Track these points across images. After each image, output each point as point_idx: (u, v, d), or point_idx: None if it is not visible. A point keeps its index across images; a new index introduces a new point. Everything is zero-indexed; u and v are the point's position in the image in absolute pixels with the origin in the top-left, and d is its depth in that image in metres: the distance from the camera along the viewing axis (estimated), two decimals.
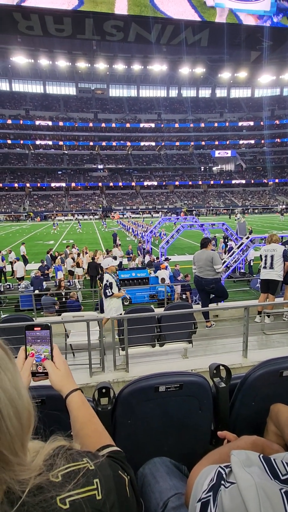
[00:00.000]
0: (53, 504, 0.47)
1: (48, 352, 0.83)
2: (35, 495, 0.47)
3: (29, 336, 0.83)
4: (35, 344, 0.83)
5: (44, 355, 0.83)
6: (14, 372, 0.52)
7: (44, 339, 0.83)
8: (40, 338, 0.83)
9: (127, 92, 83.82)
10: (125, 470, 0.64)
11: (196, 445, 1.44)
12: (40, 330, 0.83)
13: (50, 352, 0.83)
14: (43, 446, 0.56)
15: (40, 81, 77.29)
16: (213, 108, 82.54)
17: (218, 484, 0.56)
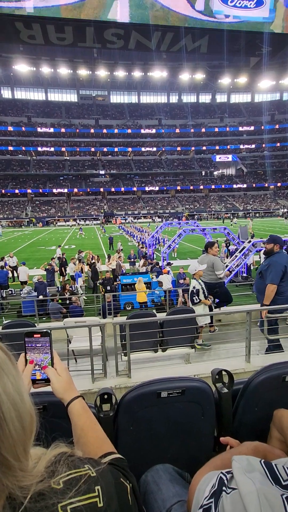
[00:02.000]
0: (55, 511, 0.47)
1: (48, 359, 0.83)
2: (37, 501, 0.46)
3: (28, 343, 0.83)
4: (35, 351, 0.83)
5: (45, 362, 0.83)
6: (16, 376, 0.52)
7: (44, 346, 0.83)
8: (40, 344, 0.83)
9: (128, 98, 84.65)
10: (127, 478, 0.63)
11: (199, 452, 1.43)
12: (39, 337, 0.83)
13: (50, 359, 0.83)
14: (45, 453, 0.56)
15: (42, 88, 78.27)
16: (214, 113, 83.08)
17: (220, 490, 0.56)
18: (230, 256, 15.18)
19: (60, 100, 79.59)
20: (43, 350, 0.83)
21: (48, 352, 0.83)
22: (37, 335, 0.82)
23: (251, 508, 0.49)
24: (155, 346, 3.92)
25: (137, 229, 30.19)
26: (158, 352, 4.00)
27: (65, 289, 10.51)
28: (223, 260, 15.62)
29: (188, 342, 3.98)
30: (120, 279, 12.34)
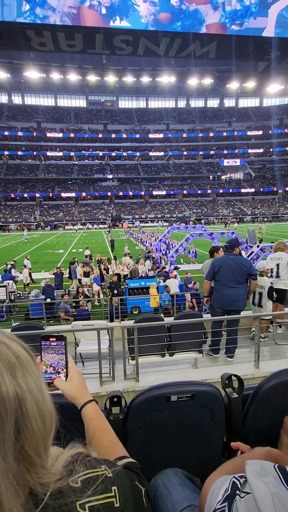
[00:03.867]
0: (73, 509, 0.48)
1: (63, 362, 0.84)
2: (57, 498, 0.48)
3: (44, 346, 0.85)
4: (50, 354, 0.85)
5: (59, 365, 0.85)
6: (38, 375, 0.53)
7: (59, 350, 0.85)
8: (55, 348, 0.85)
9: (136, 103, 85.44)
10: (140, 482, 0.64)
11: (208, 457, 1.42)
12: (55, 341, 0.84)
13: (65, 362, 0.84)
14: (62, 452, 0.57)
15: (52, 94, 79.62)
16: (222, 117, 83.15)
17: (233, 494, 0.56)
18: None
19: (69, 106, 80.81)
20: (58, 352, 0.85)
21: (63, 355, 0.84)
22: (52, 338, 0.84)
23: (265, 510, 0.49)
24: (162, 351, 3.91)
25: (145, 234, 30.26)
26: (165, 356, 3.99)
27: (79, 293, 10.59)
28: None
29: (195, 347, 3.95)
30: (127, 283, 12.36)
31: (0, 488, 0.42)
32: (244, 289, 4.34)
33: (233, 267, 4.26)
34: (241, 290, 4.32)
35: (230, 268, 4.25)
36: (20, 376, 0.49)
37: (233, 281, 4.26)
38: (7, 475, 0.44)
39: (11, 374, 0.47)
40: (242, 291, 4.33)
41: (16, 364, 0.49)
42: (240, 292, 4.31)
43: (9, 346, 0.51)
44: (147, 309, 11.20)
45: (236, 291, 4.28)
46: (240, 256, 4.48)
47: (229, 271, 4.25)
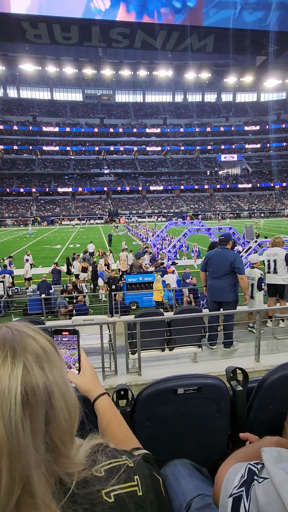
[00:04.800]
0: (100, 497, 0.50)
1: (76, 356, 0.85)
2: (83, 487, 0.50)
3: (57, 340, 0.85)
4: (63, 348, 0.85)
5: (71, 359, 0.85)
6: (63, 368, 0.54)
7: (72, 343, 0.85)
8: (67, 343, 0.85)
9: (133, 97, 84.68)
10: (157, 472, 0.66)
11: (213, 449, 1.44)
12: (68, 335, 0.85)
13: (77, 357, 0.85)
14: (82, 443, 0.58)
15: (47, 87, 78.63)
16: (219, 112, 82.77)
17: (251, 480, 0.57)
18: None
19: (65, 99, 79.90)
20: (70, 346, 0.85)
21: (76, 349, 0.85)
22: (65, 332, 0.85)
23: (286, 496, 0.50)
24: (163, 345, 3.95)
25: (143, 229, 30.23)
26: (165, 351, 4.02)
27: (73, 289, 10.58)
28: None
29: (195, 341, 3.99)
30: (125, 278, 12.38)
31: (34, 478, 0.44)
32: (228, 281, 4.48)
33: (219, 259, 4.49)
34: (225, 282, 4.46)
35: (217, 261, 4.51)
36: (48, 368, 0.50)
37: (218, 273, 4.49)
38: (40, 466, 0.45)
39: (39, 367, 0.48)
40: (225, 283, 4.46)
41: (43, 357, 0.50)
42: (223, 284, 4.46)
43: (35, 339, 0.51)
44: (145, 304, 11.25)
45: (220, 282, 4.48)
46: (228, 249, 4.62)
47: (216, 263, 4.51)
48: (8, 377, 0.44)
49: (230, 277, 4.47)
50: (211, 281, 4.59)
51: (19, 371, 0.45)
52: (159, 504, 0.60)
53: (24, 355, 0.47)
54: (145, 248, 19.04)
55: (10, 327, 0.51)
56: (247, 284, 4.63)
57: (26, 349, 0.48)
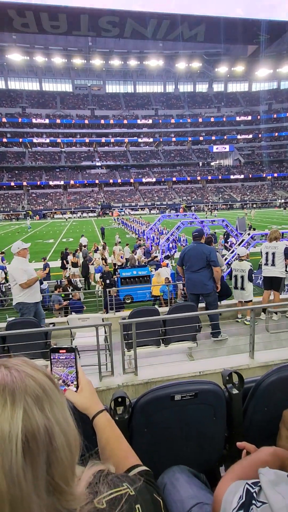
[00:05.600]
0: None
1: (74, 374, 0.84)
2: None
3: (53, 359, 0.84)
4: (60, 366, 0.85)
5: (69, 376, 0.85)
6: (62, 402, 0.53)
7: (70, 361, 0.85)
8: (64, 362, 0.85)
9: (124, 88, 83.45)
10: (157, 492, 0.65)
11: (211, 451, 1.47)
12: (65, 353, 0.84)
13: (75, 374, 0.85)
14: (83, 471, 0.58)
15: (36, 78, 76.90)
16: (210, 102, 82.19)
17: (249, 503, 0.58)
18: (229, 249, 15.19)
19: (55, 90, 78.32)
20: (68, 364, 0.85)
21: (73, 366, 0.84)
22: (62, 350, 0.84)
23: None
24: (158, 341, 3.98)
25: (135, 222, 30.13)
26: (160, 346, 4.06)
27: (69, 284, 10.52)
28: (221, 252, 15.68)
29: (190, 337, 4.02)
30: (120, 272, 12.36)
31: None
32: (204, 274, 4.68)
33: (195, 254, 4.71)
34: (202, 275, 4.68)
35: (193, 255, 4.72)
36: (48, 408, 0.49)
37: (194, 267, 4.72)
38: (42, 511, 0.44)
39: (39, 408, 0.47)
40: (202, 276, 4.68)
41: (43, 397, 0.49)
42: (201, 278, 4.69)
43: (34, 378, 0.50)
44: (140, 298, 11.29)
45: (196, 275, 4.71)
46: (202, 244, 4.85)
47: (192, 257, 4.73)
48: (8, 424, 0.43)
49: (206, 270, 4.69)
50: (189, 275, 4.82)
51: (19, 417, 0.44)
52: None
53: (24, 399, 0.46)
54: (138, 241, 19.03)
55: (9, 367, 0.50)
56: (220, 275, 4.82)
57: (26, 391, 0.47)
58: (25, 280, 4.45)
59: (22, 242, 4.77)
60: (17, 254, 4.67)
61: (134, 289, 11.26)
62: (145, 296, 11.16)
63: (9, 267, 4.59)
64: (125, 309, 8.66)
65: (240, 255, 5.95)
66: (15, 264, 4.57)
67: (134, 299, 11.33)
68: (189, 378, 2.54)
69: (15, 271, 4.49)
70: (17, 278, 4.46)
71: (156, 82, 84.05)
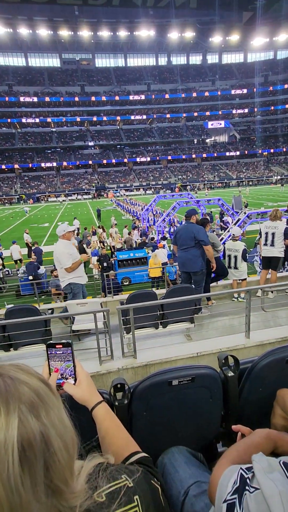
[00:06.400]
0: None
1: (71, 368, 0.86)
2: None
3: (50, 354, 0.86)
4: (57, 360, 0.86)
5: (67, 370, 0.86)
6: (59, 405, 0.53)
7: (66, 356, 0.86)
8: (61, 356, 0.86)
9: (114, 61, 79.94)
10: (154, 476, 0.68)
11: (207, 430, 1.53)
12: (61, 348, 0.85)
13: (72, 368, 0.86)
14: (82, 465, 0.59)
15: (21, 52, 73.20)
16: (205, 75, 79.32)
17: (243, 488, 0.61)
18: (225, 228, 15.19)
19: (42, 66, 74.82)
20: (65, 358, 0.86)
21: (71, 360, 0.86)
22: (59, 345, 0.85)
23: (275, 509, 0.54)
24: (156, 323, 4.04)
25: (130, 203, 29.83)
26: (159, 328, 4.13)
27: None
28: (218, 231, 15.67)
29: (188, 318, 4.09)
30: (117, 255, 12.38)
31: None
32: (193, 253, 4.85)
33: (185, 233, 4.90)
34: (190, 254, 4.86)
35: (183, 234, 4.93)
36: (43, 414, 0.49)
37: (183, 245, 4.91)
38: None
39: (35, 415, 0.47)
40: (191, 255, 4.86)
41: (38, 403, 0.49)
42: (189, 256, 4.87)
43: (28, 385, 0.50)
44: (137, 280, 11.38)
45: (185, 254, 4.91)
46: (192, 223, 5.00)
47: (182, 237, 4.93)
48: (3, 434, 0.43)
49: (194, 248, 4.85)
50: (180, 253, 5.03)
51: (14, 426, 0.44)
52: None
53: (18, 407, 0.46)
54: (134, 222, 18.93)
55: (2, 374, 0.50)
56: (212, 253, 4.94)
57: (20, 398, 0.47)
58: (70, 264, 4.48)
59: (68, 225, 4.71)
60: (62, 237, 4.62)
61: (131, 272, 11.32)
62: (143, 278, 11.24)
63: (55, 250, 4.58)
64: (123, 291, 8.74)
65: (234, 235, 5.98)
66: (61, 248, 4.54)
67: (131, 281, 11.43)
68: (187, 359, 2.61)
69: (62, 255, 4.49)
70: (63, 262, 4.48)
71: (148, 55, 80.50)
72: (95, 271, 12.09)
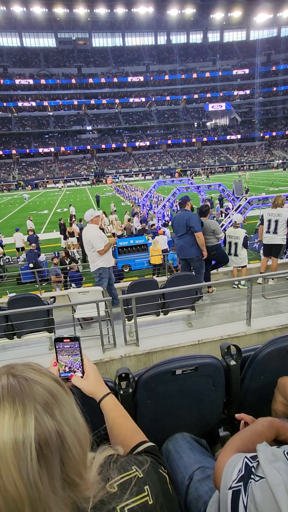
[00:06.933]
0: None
1: (79, 361, 0.88)
2: (99, 509, 0.53)
3: (58, 348, 0.87)
4: (66, 354, 0.88)
5: (75, 364, 0.88)
6: (71, 403, 0.56)
7: (74, 350, 0.88)
8: (69, 350, 0.88)
9: (112, 41, 77.24)
10: (162, 465, 0.70)
11: (210, 416, 1.58)
12: (69, 342, 0.87)
13: (80, 361, 0.88)
14: (94, 456, 0.62)
15: (16, 32, 70.62)
16: (205, 55, 76.88)
17: (248, 476, 0.64)
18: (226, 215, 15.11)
19: (37, 46, 72.35)
20: (72, 352, 0.88)
21: (78, 354, 0.88)
22: (66, 340, 0.87)
23: (280, 498, 0.57)
24: (157, 310, 4.08)
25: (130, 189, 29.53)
26: (160, 315, 4.18)
27: (66, 256, 10.52)
28: (218, 217, 15.59)
29: (189, 305, 4.13)
30: (117, 242, 12.35)
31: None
32: (186, 240, 4.92)
33: (178, 220, 4.97)
34: (183, 240, 4.94)
35: (177, 221, 5.00)
36: (58, 412, 0.51)
37: (178, 232, 5.00)
38: (59, 505, 0.48)
39: (49, 414, 0.49)
40: (184, 242, 4.94)
41: (52, 402, 0.51)
42: (183, 243, 4.95)
43: (42, 384, 0.52)
44: (137, 267, 11.41)
45: (179, 241, 5.00)
46: (186, 211, 5.03)
47: (176, 223, 5.01)
48: (21, 434, 0.45)
49: (188, 235, 4.90)
50: (176, 241, 5.13)
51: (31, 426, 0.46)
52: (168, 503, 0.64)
53: (34, 407, 0.48)
54: (133, 209, 18.81)
55: (17, 375, 0.52)
56: (203, 241, 4.95)
57: (35, 399, 0.49)
58: (103, 246, 4.63)
59: (94, 210, 4.91)
60: (90, 221, 4.78)
61: (132, 259, 11.33)
62: (143, 265, 11.26)
63: (87, 234, 4.69)
64: (124, 278, 8.78)
65: (236, 222, 5.95)
66: (93, 232, 4.68)
67: (132, 268, 11.46)
68: (189, 347, 2.65)
69: (94, 238, 4.62)
70: (96, 245, 4.61)
71: (146, 33, 77.68)
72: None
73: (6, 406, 0.47)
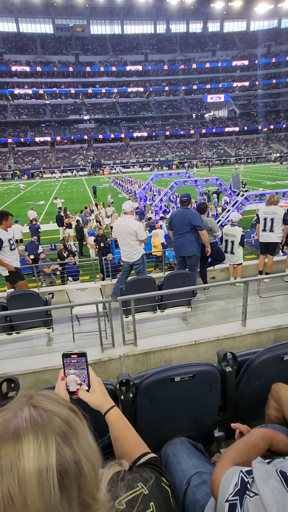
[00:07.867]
0: None
1: (85, 375, 0.92)
2: None
3: (66, 363, 0.92)
4: (73, 368, 0.92)
5: (81, 378, 0.93)
6: (85, 430, 0.58)
7: (81, 364, 0.92)
8: (76, 365, 0.92)
9: (110, 28, 75.53)
10: (163, 476, 0.74)
11: (206, 419, 1.65)
12: (76, 357, 0.91)
13: (86, 375, 0.92)
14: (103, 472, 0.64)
15: (12, 17, 68.64)
16: (205, 45, 75.64)
17: (243, 492, 0.69)
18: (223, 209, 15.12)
19: (34, 32, 70.52)
20: (79, 367, 0.93)
21: (85, 368, 0.92)
22: (74, 355, 0.91)
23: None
24: (154, 307, 4.15)
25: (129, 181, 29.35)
26: (156, 312, 4.25)
27: (63, 249, 10.50)
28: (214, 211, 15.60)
29: (185, 302, 4.20)
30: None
31: None
32: (188, 238, 4.94)
33: (180, 218, 4.95)
34: (185, 239, 4.95)
35: (178, 220, 4.98)
36: (75, 442, 0.53)
37: (179, 231, 4.98)
38: None
39: (68, 445, 0.52)
40: (185, 240, 4.95)
41: (69, 432, 0.53)
42: (183, 241, 4.96)
43: (60, 415, 0.54)
44: None
45: (181, 239, 4.98)
46: (188, 209, 5.05)
47: (177, 222, 5.00)
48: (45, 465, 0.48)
49: (190, 234, 4.92)
50: (175, 238, 5.11)
51: (53, 457, 0.49)
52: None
53: (55, 439, 0.51)
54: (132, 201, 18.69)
55: (37, 406, 0.54)
56: (207, 239, 5.01)
57: (55, 431, 0.52)
58: (146, 235, 5.00)
59: (132, 202, 5.13)
60: (130, 213, 4.97)
61: None
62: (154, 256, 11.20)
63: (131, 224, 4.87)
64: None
65: (233, 221, 5.99)
66: (136, 222, 4.96)
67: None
68: (185, 347, 2.72)
69: (139, 228, 4.87)
70: (141, 234, 4.87)
71: (145, 21, 76.04)
72: (92, 252, 12.08)
73: (30, 439, 0.49)
